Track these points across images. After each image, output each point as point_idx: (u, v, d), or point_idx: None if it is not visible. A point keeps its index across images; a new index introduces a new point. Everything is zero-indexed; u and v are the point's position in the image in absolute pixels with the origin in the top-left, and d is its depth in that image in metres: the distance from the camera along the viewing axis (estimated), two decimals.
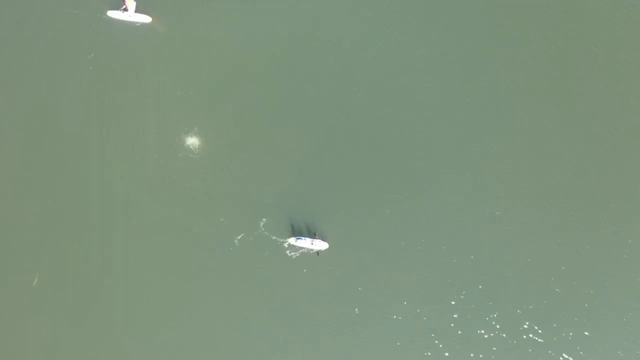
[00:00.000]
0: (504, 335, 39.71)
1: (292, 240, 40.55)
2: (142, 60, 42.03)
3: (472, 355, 39.64)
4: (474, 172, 40.89)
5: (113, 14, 41.72)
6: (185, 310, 40.50)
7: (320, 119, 41.47)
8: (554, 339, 39.63)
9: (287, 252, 40.63)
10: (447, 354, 39.55)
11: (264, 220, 40.77)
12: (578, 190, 40.63)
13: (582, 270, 40.12)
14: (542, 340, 39.60)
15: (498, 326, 39.74)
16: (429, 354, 39.59)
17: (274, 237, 40.66)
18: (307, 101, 41.62)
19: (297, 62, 41.82)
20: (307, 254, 40.42)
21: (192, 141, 41.53)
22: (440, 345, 39.53)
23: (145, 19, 41.61)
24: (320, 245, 40.42)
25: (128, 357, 40.27)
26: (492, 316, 39.84)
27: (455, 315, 39.99)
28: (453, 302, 39.93)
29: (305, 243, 40.29)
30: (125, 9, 41.24)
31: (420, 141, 41.22)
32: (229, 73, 41.97)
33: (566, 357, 39.39)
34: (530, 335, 39.57)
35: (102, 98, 41.74)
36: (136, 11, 41.67)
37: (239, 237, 40.73)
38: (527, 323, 39.72)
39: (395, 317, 40.07)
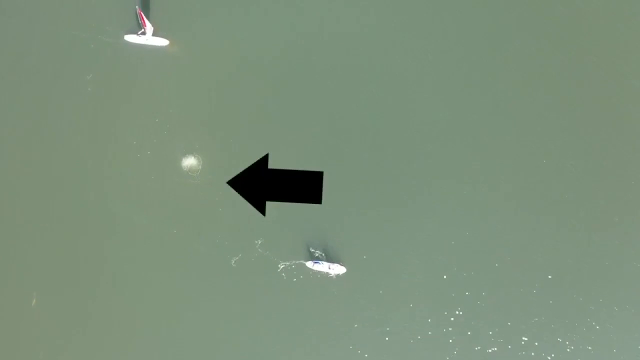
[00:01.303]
0: (505, 350, 39.95)
1: (309, 264, 40.38)
2: (142, 81, 43.14)
3: None
4: (475, 182, 41.91)
5: (130, 38, 43.08)
6: (183, 335, 40.27)
7: (320, 133, 42.46)
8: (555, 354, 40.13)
9: (283, 274, 40.66)
10: None
11: (260, 240, 40.95)
12: (582, 202, 41.63)
13: (585, 284, 40.78)
14: (544, 354, 39.85)
15: (501, 340, 39.87)
16: None
17: (275, 259, 40.86)
18: (307, 116, 42.78)
19: (299, 82, 43.30)
20: (308, 277, 40.51)
21: (191, 161, 42.22)
22: None
23: (163, 42, 43.00)
24: (338, 269, 40.25)
25: None
26: (493, 331, 40.06)
27: (450, 329, 40.16)
28: (452, 318, 40.12)
29: (323, 267, 40.13)
30: (143, 33, 42.71)
31: (419, 148, 42.28)
32: (230, 92, 43.07)
33: None
34: (532, 353, 39.86)
35: (100, 119, 42.53)
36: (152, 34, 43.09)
37: (236, 258, 40.88)
38: (526, 338, 39.98)
39: (394, 332, 40.13)
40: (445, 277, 40.52)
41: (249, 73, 43.39)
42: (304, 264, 40.61)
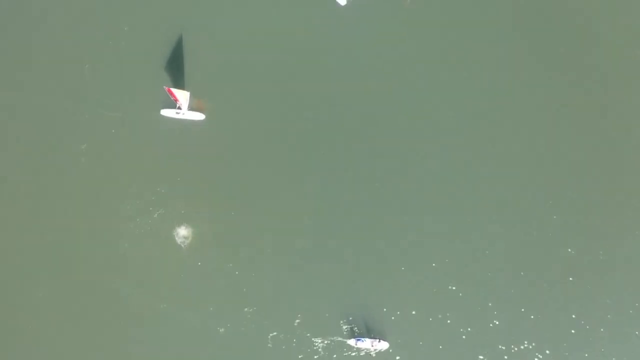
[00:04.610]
0: None
1: (351, 342, 38.49)
2: (136, 151, 43.30)
3: None
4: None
5: (166, 112, 43.63)
6: None
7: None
8: None
9: (270, 344, 38.72)
10: None
11: (251, 309, 39.53)
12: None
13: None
14: None
15: None
16: None
17: (269, 332, 39.06)
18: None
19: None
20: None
21: (186, 232, 41.54)
22: None
23: (199, 116, 43.37)
24: (380, 345, 38.36)
25: None
26: None
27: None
28: None
29: (366, 344, 38.26)
30: (179, 108, 43.36)
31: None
32: (220, 162, 43.05)
33: None
34: None
35: (94, 189, 42.41)
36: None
37: (221, 330, 39.31)
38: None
39: None
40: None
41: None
42: (346, 342, 38.59)
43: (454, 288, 39.25)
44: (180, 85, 44.21)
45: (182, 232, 41.38)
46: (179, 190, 42.32)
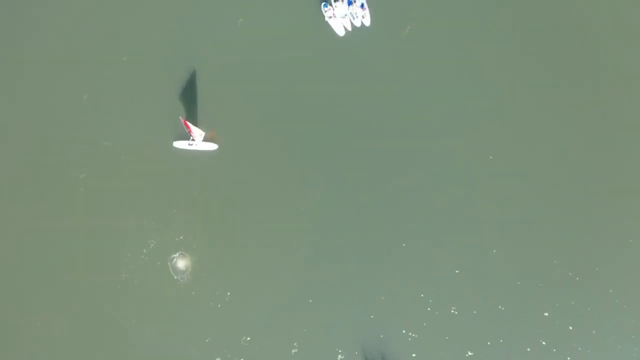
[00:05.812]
0: None
1: None
2: (136, 181, 43.91)
3: None
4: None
5: (179, 144, 44.28)
6: None
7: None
8: None
9: None
10: None
11: (248, 338, 40.65)
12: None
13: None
14: None
15: None
16: None
17: None
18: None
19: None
20: None
21: (184, 262, 42.26)
22: None
23: (212, 147, 44.21)
24: None
25: None
26: None
27: None
28: None
29: None
30: (193, 139, 43.96)
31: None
32: (222, 190, 43.84)
33: None
34: None
35: (91, 219, 43.01)
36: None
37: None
38: None
39: None
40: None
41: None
42: None
43: (452, 311, 40.87)
44: (188, 113, 44.91)
45: (180, 262, 42.32)
46: (178, 220, 43.19)
